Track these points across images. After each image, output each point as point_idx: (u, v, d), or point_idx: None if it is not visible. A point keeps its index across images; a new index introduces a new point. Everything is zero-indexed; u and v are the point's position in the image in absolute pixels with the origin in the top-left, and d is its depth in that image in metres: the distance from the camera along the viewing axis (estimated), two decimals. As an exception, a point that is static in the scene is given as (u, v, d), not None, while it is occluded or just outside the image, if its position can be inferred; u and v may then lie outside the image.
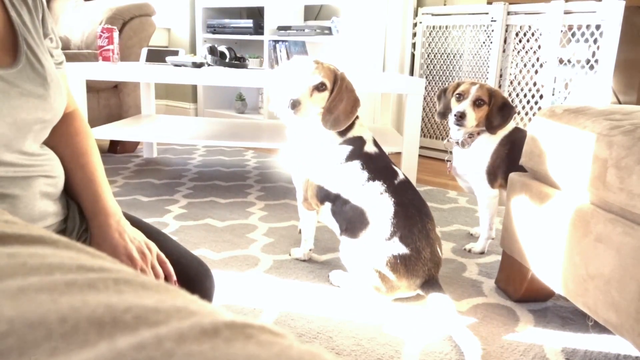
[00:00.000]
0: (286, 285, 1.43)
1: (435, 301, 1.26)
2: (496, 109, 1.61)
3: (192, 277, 0.94)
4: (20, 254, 0.27)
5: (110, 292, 0.24)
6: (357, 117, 1.47)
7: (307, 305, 1.31)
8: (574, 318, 1.30)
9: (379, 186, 1.35)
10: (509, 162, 1.62)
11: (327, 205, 1.44)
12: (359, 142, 1.43)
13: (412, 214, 1.32)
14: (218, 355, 0.19)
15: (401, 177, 1.40)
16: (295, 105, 1.32)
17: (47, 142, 0.86)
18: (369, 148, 1.43)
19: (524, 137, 1.57)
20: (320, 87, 1.37)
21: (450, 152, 1.79)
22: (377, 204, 1.33)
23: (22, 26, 0.79)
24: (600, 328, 1.24)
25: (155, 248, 0.88)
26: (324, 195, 1.44)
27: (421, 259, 1.28)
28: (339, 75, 1.42)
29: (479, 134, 1.67)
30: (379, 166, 1.39)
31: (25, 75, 0.77)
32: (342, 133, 1.43)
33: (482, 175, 1.66)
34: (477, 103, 1.61)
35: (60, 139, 0.88)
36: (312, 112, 1.38)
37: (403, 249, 1.28)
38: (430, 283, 1.30)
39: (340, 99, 1.39)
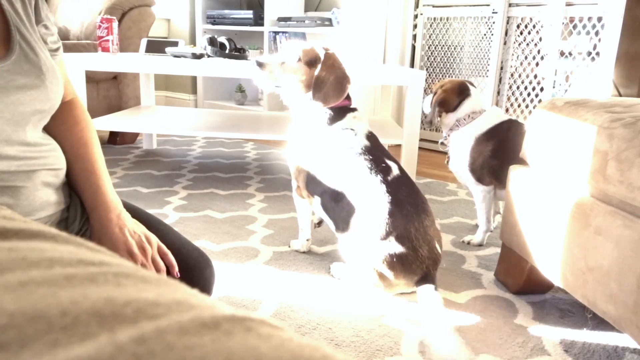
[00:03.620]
0: (286, 276, 1.43)
1: (424, 293, 1.24)
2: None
3: (193, 267, 0.94)
4: (20, 248, 0.27)
5: (110, 286, 0.24)
6: (352, 110, 1.46)
7: (307, 297, 1.32)
8: (573, 310, 1.30)
9: (370, 182, 1.32)
10: (494, 160, 1.61)
11: (317, 199, 1.44)
12: (347, 133, 1.42)
13: (408, 211, 1.29)
14: (218, 347, 0.19)
15: (395, 172, 1.36)
16: (260, 64, 1.44)
17: (47, 132, 0.86)
18: (360, 142, 1.40)
19: (511, 134, 1.59)
20: (291, 59, 1.43)
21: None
22: (370, 200, 1.31)
23: (15, 15, 0.78)
24: (598, 320, 1.25)
25: (156, 240, 0.88)
26: (311, 189, 1.44)
27: (418, 258, 1.27)
28: (328, 54, 1.45)
29: (451, 129, 1.71)
30: (371, 161, 1.36)
31: (20, 66, 0.76)
32: (331, 122, 1.43)
33: (467, 173, 1.67)
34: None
35: (60, 128, 0.88)
36: (284, 80, 1.45)
37: (399, 248, 1.26)
38: (425, 278, 1.28)
39: (328, 77, 1.43)
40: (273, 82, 1.46)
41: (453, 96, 1.70)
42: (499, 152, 1.60)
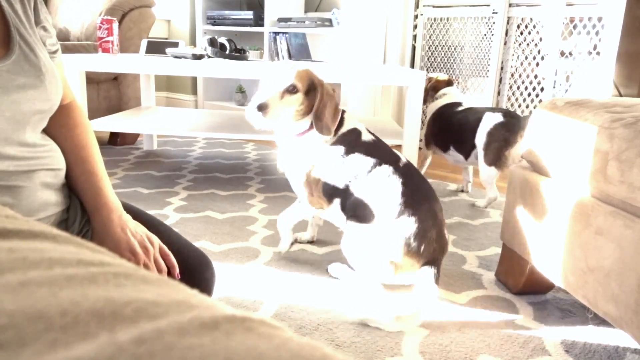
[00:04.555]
0: (286, 277, 1.43)
1: (423, 275, 1.28)
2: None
3: (193, 268, 0.94)
4: (20, 248, 0.27)
5: (110, 286, 0.24)
6: (343, 111, 1.47)
7: (307, 298, 1.32)
8: (574, 310, 1.30)
9: (385, 169, 1.36)
10: (432, 133, 2.20)
11: (336, 201, 1.42)
12: (354, 134, 1.43)
13: (419, 194, 1.34)
14: (218, 348, 0.19)
15: (404, 160, 1.42)
16: (262, 108, 1.30)
17: (47, 134, 0.86)
18: (366, 137, 1.44)
19: (451, 113, 2.14)
20: (291, 90, 1.34)
21: None
22: (386, 185, 1.34)
23: (14, 16, 0.78)
24: (599, 320, 1.25)
25: (157, 241, 0.88)
26: (331, 193, 1.41)
27: (427, 239, 1.29)
28: (318, 82, 1.40)
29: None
30: (381, 152, 1.41)
31: (20, 66, 0.76)
32: (335, 131, 1.42)
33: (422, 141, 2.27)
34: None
35: (60, 130, 0.88)
36: (283, 115, 1.35)
37: (410, 228, 1.29)
38: (431, 262, 1.30)
39: (324, 105, 1.38)
40: (275, 118, 1.33)
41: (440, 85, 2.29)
42: (436, 126, 2.17)
